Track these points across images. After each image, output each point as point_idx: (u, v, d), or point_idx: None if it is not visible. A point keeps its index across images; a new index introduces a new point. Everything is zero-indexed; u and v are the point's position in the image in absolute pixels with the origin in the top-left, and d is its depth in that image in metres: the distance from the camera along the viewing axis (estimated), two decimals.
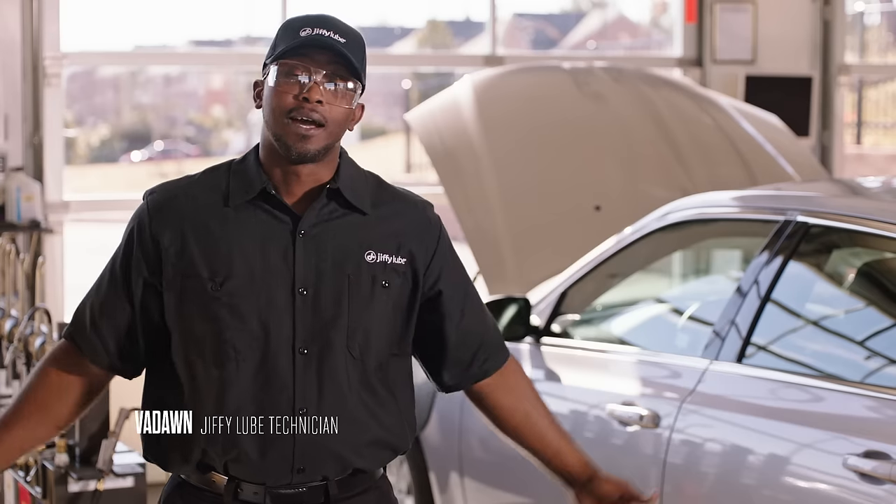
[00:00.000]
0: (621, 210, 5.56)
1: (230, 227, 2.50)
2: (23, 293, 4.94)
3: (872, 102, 15.85)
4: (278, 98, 2.46)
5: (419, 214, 2.60)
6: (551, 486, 4.30)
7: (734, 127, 6.16)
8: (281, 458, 2.50)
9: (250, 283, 2.48)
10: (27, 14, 6.74)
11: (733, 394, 3.75)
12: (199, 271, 2.48)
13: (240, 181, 2.52)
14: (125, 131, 25.04)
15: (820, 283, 4.01)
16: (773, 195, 4.17)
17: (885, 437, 3.27)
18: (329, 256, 2.50)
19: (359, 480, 2.57)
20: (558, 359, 4.41)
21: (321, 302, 2.49)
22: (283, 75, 2.46)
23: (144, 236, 2.53)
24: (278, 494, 2.52)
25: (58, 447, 3.93)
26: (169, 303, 2.52)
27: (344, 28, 2.50)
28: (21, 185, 6.67)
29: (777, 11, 8.22)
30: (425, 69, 9.46)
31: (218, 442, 2.50)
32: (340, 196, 2.52)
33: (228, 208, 2.51)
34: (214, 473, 2.53)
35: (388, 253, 2.54)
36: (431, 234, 2.60)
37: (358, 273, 2.51)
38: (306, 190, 2.52)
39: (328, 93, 2.45)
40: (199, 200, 2.52)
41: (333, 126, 2.47)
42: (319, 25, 2.47)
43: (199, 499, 2.56)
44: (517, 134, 5.92)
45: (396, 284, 2.54)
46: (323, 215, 2.51)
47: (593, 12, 19.95)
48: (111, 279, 2.58)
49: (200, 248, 2.49)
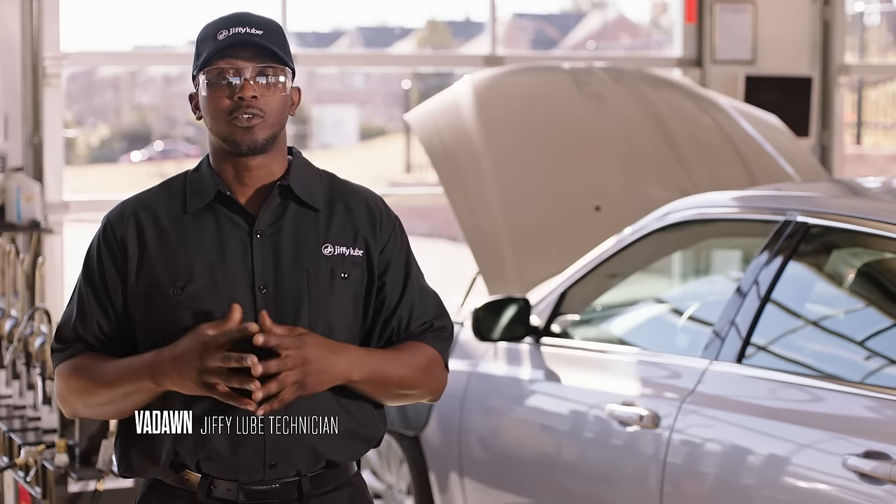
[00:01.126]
0: (621, 210, 5.56)
1: (188, 234, 2.56)
2: (23, 293, 4.95)
3: (872, 102, 15.85)
4: (215, 103, 2.52)
5: (372, 208, 2.64)
6: (551, 486, 4.31)
7: (734, 127, 6.16)
8: (252, 454, 2.53)
9: (211, 286, 2.52)
10: (27, 14, 6.75)
11: (733, 394, 3.75)
12: (161, 278, 2.54)
13: (195, 188, 2.59)
14: (125, 131, 25.05)
15: (820, 284, 4.01)
16: (773, 195, 4.17)
17: (885, 438, 3.27)
18: (287, 253, 2.55)
19: (332, 476, 2.60)
20: (558, 359, 4.41)
21: (282, 298, 2.53)
22: (214, 82, 2.52)
23: (113, 250, 2.58)
24: (251, 491, 2.55)
25: (58, 447, 3.93)
26: (135, 311, 2.57)
27: (258, 21, 2.56)
28: (21, 185, 6.67)
29: (777, 11, 8.23)
30: (425, 69, 9.47)
31: (189, 441, 2.53)
32: (292, 193, 2.58)
33: (186, 215, 2.57)
34: (188, 472, 2.57)
35: (344, 245, 2.58)
36: (385, 226, 2.63)
37: (316, 267, 2.55)
38: (259, 186, 2.58)
39: (260, 87, 2.52)
40: (157, 211, 2.58)
41: (273, 116, 2.53)
42: (234, 24, 2.54)
43: (173, 497, 2.59)
44: (517, 134, 5.92)
45: (356, 276, 2.58)
46: (277, 214, 2.57)
47: (593, 12, 19.95)
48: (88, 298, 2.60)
49: (160, 256, 2.55)
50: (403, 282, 2.64)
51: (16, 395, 4.62)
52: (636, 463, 3.92)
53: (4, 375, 4.76)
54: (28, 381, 4.47)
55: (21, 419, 4.48)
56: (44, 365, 4.25)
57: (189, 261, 2.53)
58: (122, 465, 2.62)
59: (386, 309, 2.63)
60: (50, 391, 4.27)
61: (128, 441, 2.61)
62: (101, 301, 2.58)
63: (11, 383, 4.66)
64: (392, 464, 5.09)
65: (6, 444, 4.39)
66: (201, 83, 2.54)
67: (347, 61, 11.07)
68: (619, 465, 4.00)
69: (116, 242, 2.57)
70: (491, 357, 4.62)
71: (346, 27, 25.84)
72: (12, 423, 4.46)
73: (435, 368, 2.65)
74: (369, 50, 19.49)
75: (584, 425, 4.19)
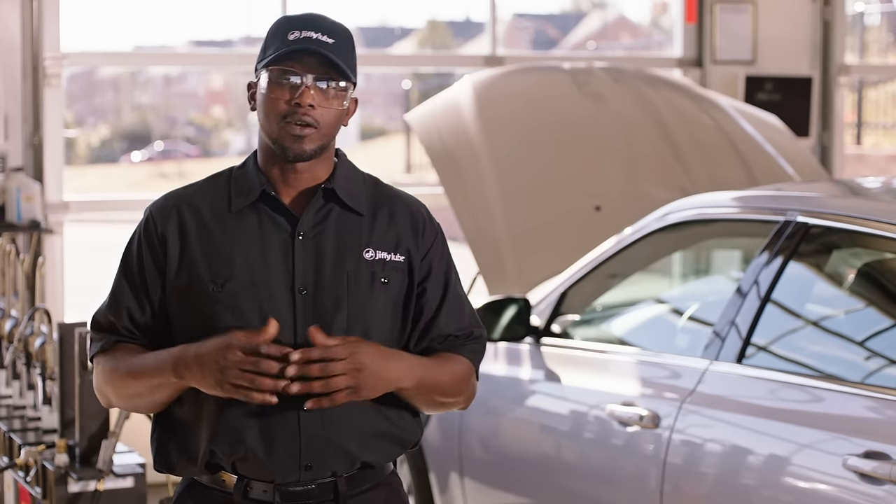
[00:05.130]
0: (621, 210, 5.56)
1: (231, 231, 2.55)
2: (23, 293, 4.95)
3: (872, 103, 15.85)
4: (271, 104, 2.51)
5: (416, 215, 2.64)
6: (551, 486, 4.31)
7: (734, 127, 6.16)
8: (288, 456, 2.53)
9: (251, 285, 2.52)
10: (27, 14, 6.74)
11: (733, 394, 3.75)
12: (202, 274, 2.53)
13: (240, 186, 2.59)
14: (125, 131, 25.04)
15: (820, 284, 4.01)
16: (773, 195, 4.17)
17: (885, 438, 3.27)
18: (328, 256, 2.55)
19: (368, 476, 2.60)
20: (558, 359, 4.41)
21: (321, 300, 2.53)
22: (275, 81, 2.51)
23: (153, 242, 2.58)
24: (288, 492, 2.55)
25: (58, 447, 3.93)
26: (173, 305, 2.57)
27: (332, 27, 2.54)
28: (21, 185, 6.67)
29: (777, 11, 8.22)
30: (425, 69, 9.47)
31: (224, 442, 2.53)
32: (336, 196, 2.58)
33: (230, 213, 2.57)
34: (224, 473, 2.57)
35: (386, 251, 2.59)
36: (428, 233, 2.64)
37: (357, 270, 2.55)
38: (304, 188, 2.58)
39: (319, 95, 2.51)
40: (200, 207, 2.58)
41: (326, 127, 2.53)
42: (307, 27, 2.52)
43: (209, 498, 2.59)
44: (517, 134, 5.92)
45: (396, 281, 2.59)
46: (320, 216, 2.57)
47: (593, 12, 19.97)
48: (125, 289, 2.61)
49: (202, 252, 2.55)
50: (443, 290, 2.65)
51: (16, 395, 4.62)
52: (636, 463, 3.92)
53: (4, 375, 4.76)
54: (28, 381, 4.48)
55: (21, 419, 4.48)
56: (44, 365, 4.25)
57: (230, 258, 2.53)
58: (158, 460, 2.63)
59: (425, 316, 2.63)
60: (50, 391, 4.27)
61: (164, 438, 2.62)
62: (136, 292, 2.59)
63: (11, 383, 4.66)
64: None
65: (6, 444, 4.39)
66: (262, 79, 2.53)
67: None
68: (620, 465, 4.00)
69: (157, 235, 2.57)
70: (491, 357, 4.62)
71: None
72: (12, 423, 4.46)
73: (470, 379, 2.68)
74: (369, 50, 19.49)
75: (585, 425, 4.19)
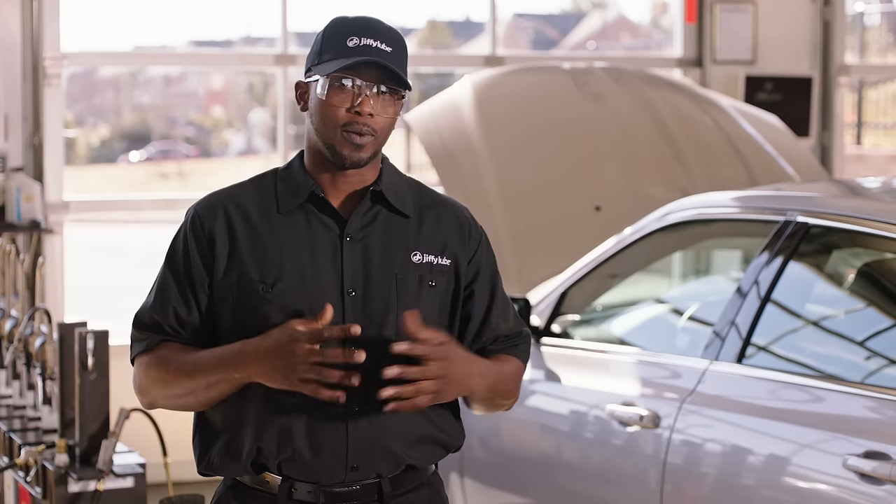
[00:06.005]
0: (621, 210, 5.56)
1: (279, 232, 2.56)
2: (23, 293, 4.95)
3: (872, 103, 15.84)
4: (330, 111, 2.52)
5: (461, 219, 2.66)
6: (551, 487, 4.31)
7: (734, 127, 6.16)
8: (334, 457, 2.53)
9: (301, 286, 2.53)
10: (27, 14, 6.75)
11: (733, 394, 3.75)
12: (251, 274, 2.54)
13: (288, 187, 2.59)
14: (125, 131, 25.04)
15: (820, 284, 4.01)
16: (773, 195, 4.17)
17: (885, 438, 3.27)
18: (376, 258, 2.56)
19: (411, 477, 2.61)
20: (558, 359, 4.41)
21: (370, 302, 2.54)
22: (335, 88, 2.51)
23: (201, 241, 2.57)
24: (332, 493, 2.55)
25: (58, 447, 3.93)
26: (222, 306, 2.57)
27: (388, 33, 2.55)
28: (21, 185, 6.67)
29: (777, 11, 8.23)
30: (425, 69, 9.46)
31: (272, 442, 2.53)
32: (384, 199, 2.60)
33: (279, 214, 2.57)
34: (268, 474, 2.57)
35: (433, 254, 2.60)
36: (473, 237, 2.66)
37: (405, 273, 2.57)
38: (352, 190, 2.59)
39: (378, 104, 2.52)
40: (247, 207, 2.58)
41: (383, 134, 2.55)
42: (366, 34, 2.52)
43: (252, 499, 2.59)
44: (517, 134, 5.92)
45: (442, 284, 2.60)
46: (368, 218, 2.59)
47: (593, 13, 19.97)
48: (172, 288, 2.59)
49: (251, 253, 2.55)
50: (491, 292, 2.67)
51: (16, 395, 4.62)
52: (636, 463, 3.92)
53: (4, 375, 4.76)
54: (28, 381, 4.48)
55: (21, 419, 4.48)
56: (44, 365, 4.25)
57: (280, 259, 2.54)
58: (202, 463, 2.62)
59: (476, 318, 2.65)
60: (50, 391, 4.27)
61: (207, 438, 2.61)
62: (183, 290, 2.58)
63: (11, 383, 4.67)
64: None
65: (6, 444, 4.39)
66: (320, 84, 2.52)
67: None
68: (620, 465, 4.00)
69: (205, 234, 2.57)
70: None
71: None
72: (12, 423, 4.46)
73: (521, 380, 2.72)
74: None
75: (585, 425, 4.19)
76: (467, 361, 2.53)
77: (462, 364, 2.51)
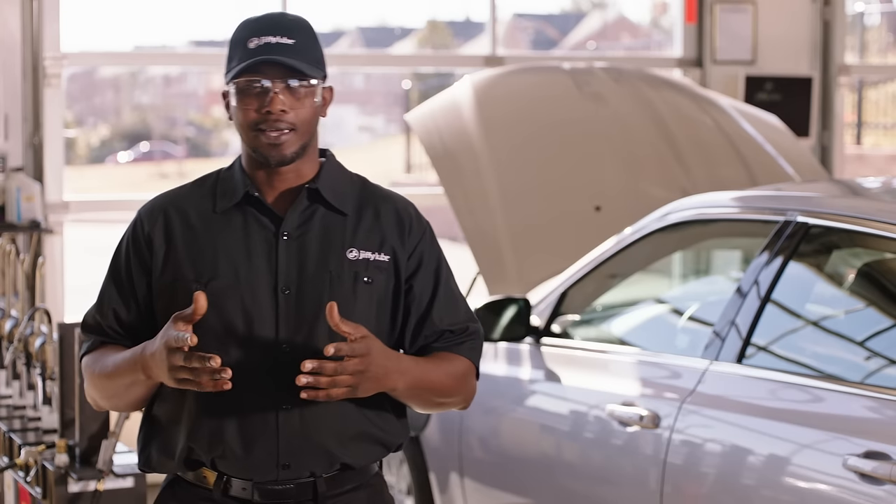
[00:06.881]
0: (621, 210, 5.56)
1: (216, 232, 2.58)
2: (23, 293, 4.94)
3: (872, 103, 15.85)
4: (244, 115, 2.53)
5: (402, 214, 2.65)
6: (551, 487, 4.31)
7: (734, 127, 6.16)
8: (265, 454, 2.54)
9: (235, 284, 2.54)
10: (27, 14, 6.74)
11: (733, 394, 3.75)
12: (186, 273, 2.56)
13: (226, 187, 2.61)
14: (125, 131, 25.05)
15: (820, 284, 4.01)
16: (773, 195, 4.17)
17: (885, 438, 3.27)
18: (311, 256, 2.56)
19: (349, 477, 2.61)
20: (558, 359, 4.41)
21: (304, 300, 2.55)
22: (242, 93, 2.52)
23: (140, 243, 2.62)
24: (267, 490, 2.57)
25: (58, 447, 3.93)
26: (159, 304, 2.60)
27: (290, 25, 2.55)
28: (21, 185, 6.67)
29: (777, 11, 8.22)
30: (425, 69, 9.47)
31: (204, 440, 2.55)
32: (321, 196, 2.60)
33: (215, 214, 2.59)
34: (205, 469, 2.59)
35: (370, 250, 2.59)
36: (415, 231, 2.64)
37: (340, 270, 2.56)
38: (288, 188, 2.60)
39: (290, 98, 2.52)
40: (187, 208, 2.61)
41: (303, 126, 2.54)
42: (266, 32, 2.52)
43: (191, 495, 2.62)
44: (517, 134, 5.92)
45: (380, 280, 2.59)
46: (304, 217, 2.59)
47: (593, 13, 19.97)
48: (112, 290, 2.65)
49: (187, 252, 2.58)
50: (434, 285, 2.65)
51: (16, 395, 4.62)
52: (636, 463, 3.92)
53: (4, 375, 4.76)
54: (28, 381, 4.47)
55: (21, 419, 4.48)
56: (44, 365, 4.25)
57: (214, 258, 2.56)
58: (141, 459, 2.65)
59: (416, 311, 2.63)
60: (50, 391, 4.27)
61: (147, 435, 2.64)
62: (122, 291, 2.62)
63: (11, 383, 4.66)
64: (392, 464, 5.09)
65: (6, 445, 4.39)
66: (231, 91, 2.55)
67: (347, 61, 11.05)
68: (620, 465, 4.00)
69: (144, 236, 2.60)
70: (491, 357, 4.62)
71: (346, 27, 25.85)
72: (12, 423, 4.46)
73: (469, 378, 2.68)
74: (369, 50, 19.48)
75: (585, 425, 4.19)
76: (388, 358, 2.49)
77: (382, 360, 2.47)
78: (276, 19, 2.55)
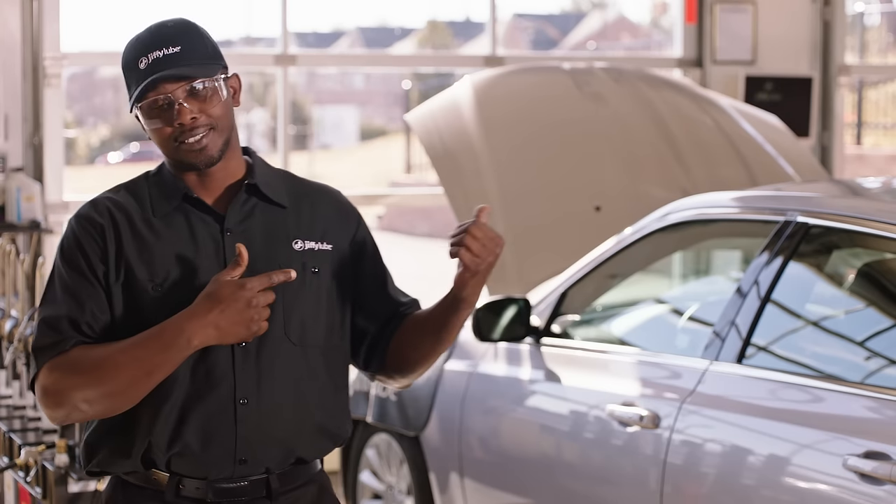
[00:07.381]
0: (621, 210, 5.56)
1: (162, 234, 2.57)
2: (23, 293, 4.94)
3: (872, 103, 15.85)
4: (158, 133, 2.54)
5: (337, 202, 2.70)
6: (551, 487, 4.31)
7: (734, 127, 6.16)
8: (223, 450, 2.54)
9: (188, 283, 2.54)
10: (27, 14, 6.75)
11: (733, 394, 3.75)
12: (139, 275, 2.54)
13: (160, 191, 2.60)
14: (125, 131, 25.04)
15: (820, 284, 4.01)
16: (773, 195, 4.17)
17: (885, 438, 3.27)
18: (258, 250, 2.57)
19: (299, 473, 2.63)
20: (558, 359, 4.41)
21: None
22: (150, 114, 2.53)
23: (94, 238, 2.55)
24: (220, 489, 2.56)
25: (58, 447, 3.93)
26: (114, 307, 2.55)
27: (172, 32, 2.54)
28: (21, 185, 6.67)
29: (777, 12, 8.23)
30: (425, 69, 9.48)
31: (163, 436, 2.53)
32: (258, 191, 2.62)
33: (156, 218, 2.58)
34: (156, 471, 2.57)
35: (313, 240, 2.63)
36: (351, 218, 2.70)
37: (288, 262, 2.58)
38: (223, 186, 2.61)
39: (196, 103, 2.52)
40: (129, 212, 2.58)
41: (221, 122, 2.55)
42: (151, 48, 2.52)
43: (140, 497, 2.59)
44: (517, 134, 5.92)
45: (325, 270, 2.62)
46: (245, 212, 2.60)
47: (593, 13, 19.98)
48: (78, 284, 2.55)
49: (137, 255, 2.55)
50: (382, 266, 2.74)
51: (16, 395, 4.62)
52: (636, 463, 3.92)
53: (4, 376, 4.76)
54: (28, 382, 4.47)
55: (21, 419, 4.48)
56: None
57: (164, 260, 2.55)
58: (91, 461, 2.59)
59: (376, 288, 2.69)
60: None
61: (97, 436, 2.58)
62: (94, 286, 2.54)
63: (11, 383, 4.66)
64: (392, 464, 5.09)
65: (6, 445, 4.39)
66: (139, 115, 2.55)
67: (347, 61, 11.08)
68: (620, 465, 4.00)
69: (95, 231, 2.55)
70: (491, 357, 4.62)
71: (346, 27, 25.85)
72: (12, 423, 4.46)
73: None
74: (369, 50, 19.50)
75: (585, 426, 4.19)
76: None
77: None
78: (156, 32, 2.54)
